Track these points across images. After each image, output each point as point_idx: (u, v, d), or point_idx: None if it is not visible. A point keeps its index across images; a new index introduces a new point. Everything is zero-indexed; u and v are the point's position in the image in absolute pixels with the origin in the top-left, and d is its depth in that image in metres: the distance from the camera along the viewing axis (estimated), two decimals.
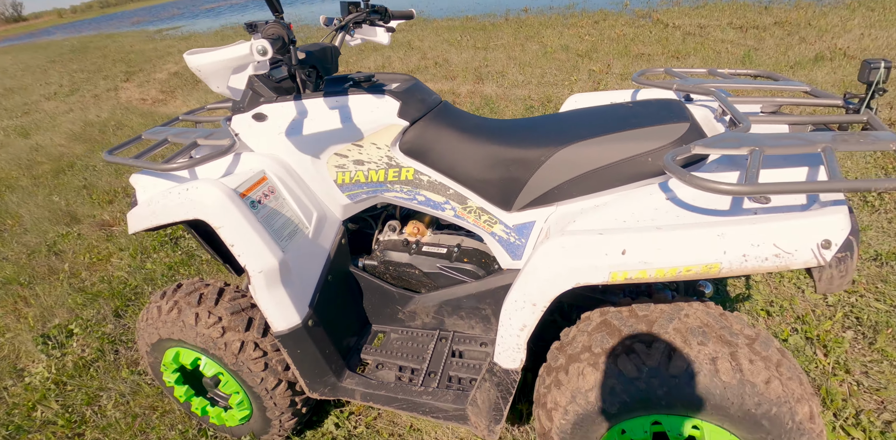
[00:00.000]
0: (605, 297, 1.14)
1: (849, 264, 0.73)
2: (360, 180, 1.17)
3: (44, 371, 1.79)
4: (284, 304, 1.08)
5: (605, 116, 1.04)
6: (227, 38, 12.49)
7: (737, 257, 0.74)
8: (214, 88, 1.12)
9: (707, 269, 0.75)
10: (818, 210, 0.75)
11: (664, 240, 0.76)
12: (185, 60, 1.04)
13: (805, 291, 1.71)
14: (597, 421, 0.89)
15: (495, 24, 8.36)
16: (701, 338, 0.82)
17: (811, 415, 0.80)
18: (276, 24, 1.00)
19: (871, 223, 2.01)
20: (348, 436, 1.40)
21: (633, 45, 5.66)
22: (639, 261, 0.77)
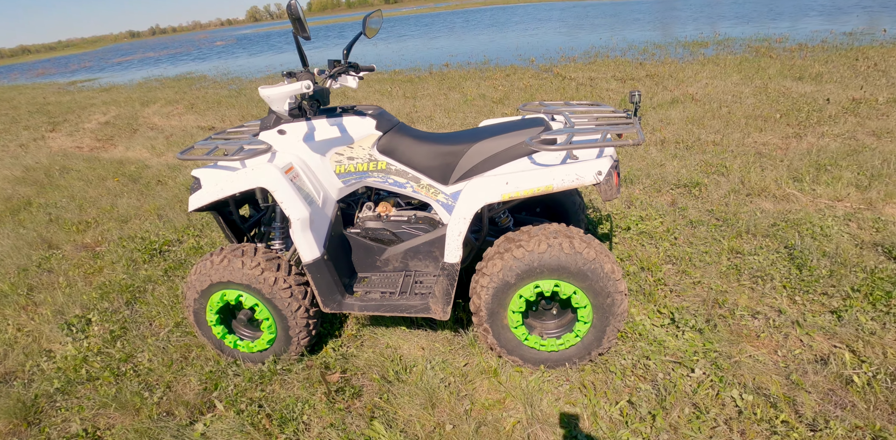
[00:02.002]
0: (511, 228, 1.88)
1: (611, 182, 1.50)
2: (351, 170, 1.83)
3: (72, 349, 2.14)
4: (310, 242, 1.68)
5: (500, 126, 1.80)
6: (152, 89, 12.67)
7: (558, 181, 1.49)
8: (275, 108, 1.73)
9: (548, 188, 1.49)
10: (596, 159, 1.53)
11: (526, 176, 1.50)
12: (261, 92, 1.65)
13: (646, 247, 2.56)
14: (505, 290, 1.58)
15: (421, 77, 9.48)
16: (554, 235, 1.56)
17: (612, 268, 1.54)
18: (307, 72, 1.69)
19: (690, 204, 2.98)
20: (344, 355, 1.95)
21: (538, 93, 6.89)
22: (514, 188, 1.50)
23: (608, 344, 1.66)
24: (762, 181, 3.21)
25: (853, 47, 7.84)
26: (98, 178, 4.90)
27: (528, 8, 34.38)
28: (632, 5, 24.90)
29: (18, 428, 1.79)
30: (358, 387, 1.78)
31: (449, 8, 53.46)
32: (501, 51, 12.52)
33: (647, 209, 2.95)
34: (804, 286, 2.11)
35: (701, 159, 3.71)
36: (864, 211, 2.76)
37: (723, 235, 2.59)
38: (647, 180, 3.40)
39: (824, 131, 4.15)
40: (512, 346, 1.70)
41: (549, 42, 13.26)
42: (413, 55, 13.86)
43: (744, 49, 8.89)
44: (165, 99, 10.50)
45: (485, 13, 34.15)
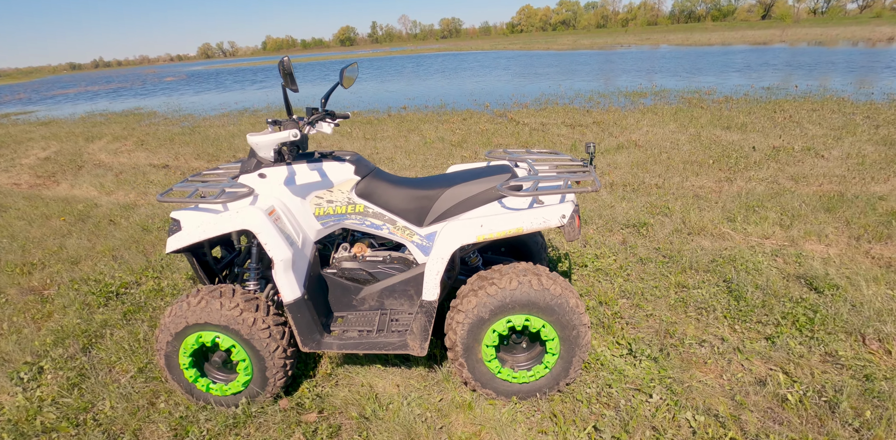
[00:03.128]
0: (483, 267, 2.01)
1: (573, 224, 1.69)
2: (329, 213, 1.93)
3: (22, 399, 2.01)
4: (292, 283, 1.73)
5: (471, 172, 1.98)
6: (97, 124, 12.26)
7: (528, 224, 1.66)
8: (262, 155, 1.81)
9: (518, 230, 1.65)
10: (560, 204, 1.72)
11: (498, 219, 1.66)
12: (248, 140, 1.75)
13: (602, 283, 2.76)
14: (480, 325, 1.69)
15: (380, 119, 9.77)
16: (524, 273, 1.71)
17: (577, 303, 1.70)
18: (293, 121, 1.81)
19: (640, 243, 3.25)
20: (319, 394, 1.96)
21: (494, 137, 7.29)
22: (488, 230, 1.65)
23: (574, 374, 1.79)
24: (700, 221, 3.56)
25: (771, 100, 8.91)
26: (41, 216, 4.67)
27: (478, 55, 36.58)
28: (572, 56, 27.06)
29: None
30: (336, 425, 1.79)
31: (403, 53, 55.85)
32: (457, 95, 13.19)
33: (601, 247, 3.20)
34: (741, 315, 2.35)
35: (646, 201, 4.06)
36: (788, 247, 3.12)
37: (669, 271, 2.85)
38: (599, 220, 3.68)
39: (751, 176, 4.66)
40: (486, 380, 1.79)
41: (501, 88, 14.13)
42: (371, 97, 14.31)
43: (678, 100, 9.87)
44: (112, 134, 10.19)
45: (438, 59, 35.92)
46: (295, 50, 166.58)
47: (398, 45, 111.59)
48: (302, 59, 63.28)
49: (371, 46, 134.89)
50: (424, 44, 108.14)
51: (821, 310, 2.33)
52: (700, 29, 64.59)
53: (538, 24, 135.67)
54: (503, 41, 72.47)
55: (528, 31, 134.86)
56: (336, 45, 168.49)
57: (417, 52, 53.10)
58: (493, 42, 72.66)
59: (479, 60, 30.43)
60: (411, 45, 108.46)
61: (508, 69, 21.82)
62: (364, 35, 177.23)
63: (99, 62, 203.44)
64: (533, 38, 73.08)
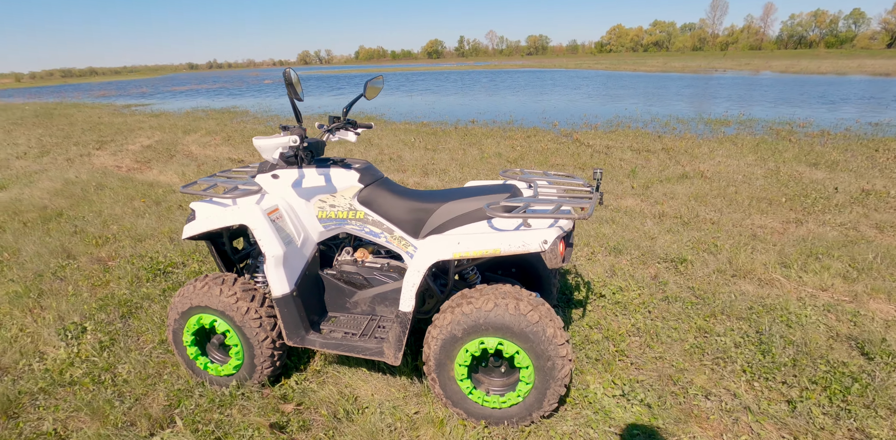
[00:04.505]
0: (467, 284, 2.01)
1: (556, 251, 1.63)
2: (332, 216, 2.02)
3: (63, 354, 2.30)
4: (282, 278, 1.83)
5: (473, 189, 1.99)
6: (197, 119, 13.60)
7: (506, 246, 1.63)
8: (266, 157, 1.97)
9: (496, 251, 1.63)
10: (544, 228, 1.66)
11: (477, 238, 1.65)
12: (254, 142, 1.91)
13: (617, 317, 2.63)
14: (452, 342, 1.69)
15: (445, 131, 9.98)
16: (503, 296, 1.68)
17: (555, 333, 1.64)
18: (299, 128, 1.92)
19: (674, 280, 3.05)
20: (304, 389, 2.04)
21: (552, 156, 7.18)
22: (464, 248, 1.64)
23: (549, 407, 1.72)
24: (750, 263, 3.27)
25: (876, 138, 7.98)
26: (127, 197, 5.28)
27: (560, 73, 36.14)
28: (659, 79, 25.93)
29: None
30: (308, 420, 1.86)
31: (486, 67, 56.58)
32: (528, 112, 13.15)
33: (628, 280, 3.04)
34: (764, 372, 2.13)
35: (694, 236, 3.80)
36: (847, 303, 2.78)
37: (697, 313, 2.64)
38: (635, 252, 3.50)
39: (826, 219, 4.21)
40: (457, 399, 1.77)
41: (575, 108, 13.88)
42: (444, 109, 14.65)
43: (765, 130, 9.15)
44: (206, 129, 11.25)
45: (518, 75, 36.00)
46: (385, 60, 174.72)
47: (483, 60, 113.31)
48: (390, 69, 66.20)
49: (456, 60, 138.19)
50: (508, 60, 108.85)
51: (863, 379, 2.05)
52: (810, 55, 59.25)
53: (628, 45, 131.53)
54: (588, 60, 71.15)
55: (618, 51, 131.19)
56: (423, 57, 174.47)
57: (500, 68, 53.60)
58: (578, 61, 71.57)
59: (558, 78, 30.12)
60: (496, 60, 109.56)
61: (587, 89, 21.39)
62: (451, 48, 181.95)
63: (213, 63, 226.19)
64: (620, 59, 71.04)
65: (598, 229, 3.96)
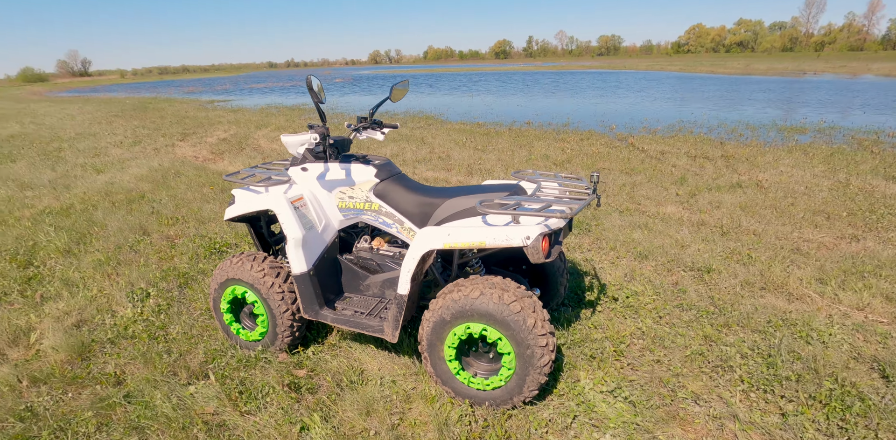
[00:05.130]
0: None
1: (538, 247, 1.73)
2: (350, 207, 2.25)
3: (129, 313, 2.72)
4: (300, 258, 2.08)
5: (479, 187, 2.14)
6: (270, 115, 14.58)
7: (490, 239, 1.76)
8: (291, 152, 2.23)
9: (481, 244, 1.77)
10: (529, 225, 1.77)
11: (465, 231, 1.78)
12: (282, 138, 2.17)
13: (624, 319, 2.67)
14: (442, 326, 1.85)
15: (498, 132, 10.07)
16: (491, 286, 1.82)
17: (536, 323, 1.76)
18: (322, 126, 2.16)
19: (695, 288, 3.02)
20: (319, 358, 2.29)
21: (601, 160, 7.10)
22: (453, 239, 1.79)
23: (528, 393, 1.84)
24: (784, 277, 3.15)
25: None
26: (199, 184, 5.89)
27: (629, 75, 34.80)
28: (737, 82, 24.31)
29: (74, 359, 2.34)
30: (316, 385, 2.11)
31: (553, 68, 55.57)
32: (587, 115, 12.91)
33: (645, 285, 3.04)
34: (764, 384, 2.11)
35: (730, 246, 3.69)
36: (882, 324, 2.63)
37: (710, 322, 2.62)
38: (661, 258, 3.48)
39: (890, 237, 3.92)
40: (446, 378, 1.94)
41: (640, 111, 13.44)
42: (502, 110, 14.70)
43: (845, 140, 8.45)
44: (276, 125, 12.07)
45: (584, 76, 35.10)
46: (452, 60, 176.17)
47: (551, 60, 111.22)
48: (456, 69, 66.79)
49: (523, 60, 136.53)
50: (578, 60, 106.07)
51: (870, 400, 1.98)
52: None
53: (708, 45, 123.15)
54: (662, 61, 67.75)
55: (696, 51, 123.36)
56: (491, 58, 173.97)
57: (566, 69, 52.47)
58: (651, 61, 68.40)
59: (624, 80, 29.07)
60: (564, 60, 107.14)
61: (654, 91, 20.53)
62: (519, 49, 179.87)
63: (290, 62, 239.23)
64: (697, 60, 66.95)
65: (629, 234, 3.94)
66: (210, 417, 1.92)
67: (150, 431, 1.85)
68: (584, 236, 3.95)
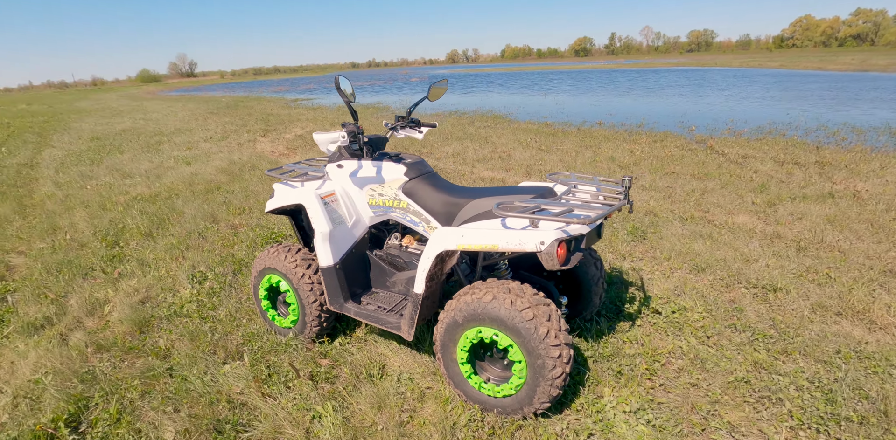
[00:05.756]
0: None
1: (552, 254, 1.64)
2: (380, 204, 2.28)
3: (187, 293, 2.98)
4: (327, 252, 2.15)
5: (506, 188, 2.07)
6: (345, 113, 15.23)
7: (503, 243, 1.69)
8: (322, 149, 2.31)
9: (494, 247, 1.71)
10: (546, 230, 1.68)
11: (479, 233, 1.73)
12: (313, 136, 2.25)
13: (665, 335, 2.48)
14: (454, 327, 1.83)
15: (566, 132, 9.76)
16: (505, 291, 1.76)
17: (549, 333, 1.68)
18: (353, 125, 2.21)
19: (756, 308, 2.74)
20: (345, 350, 2.37)
21: (672, 164, 6.64)
22: (467, 241, 1.74)
23: (540, 405, 1.77)
24: (867, 302, 2.76)
25: None
26: (270, 178, 6.30)
27: (720, 72, 32.15)
28: (849, 80, 21.54)
29: (134, 332, 2.61)
30: (335, 375, 2.18)
31: (636, 66, 52.77)
32: (666, 115, 12.14)
33: (696, 300, 2.80)
34: (817, 423, 1.86)
35: (806, 264, 3.30)
36: None
37: (765, 347, 2.36)
38: (721, 273, 3.18)
39: None
40: (458, 381, 1.92)
41: (726, 111, 12.41)
42: (574, 109, 14.24)
43: None
44: None
45: (670, 74, 32.97)
46: (530, 58, 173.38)
47: (634, 58, 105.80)
48: (532, 68, 65.74)
49: (605, 58, 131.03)
50: (663, 57, 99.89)
51: None
52: None
53: (818, 39, 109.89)
54: (759, 57, 61.80)
55: (803, 46, 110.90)
56: (570, 56, 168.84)
57: (650, 66, 49.61)
58: (746, 58, 62.65)
59: (712, 78, 26.91)
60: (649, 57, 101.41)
61: (741, 89, 18.82)
62: (601, 46, 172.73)
63: (371, 62, 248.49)
64: (803, 55, 60.28)
65: (688, 244, 3.65)
66: (236, 396, 2.05)
67: (182, 404, 2.02)
68: (637, 244, 3.72)
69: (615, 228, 4.05)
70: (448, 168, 6.86)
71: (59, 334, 2.62)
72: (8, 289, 3.22)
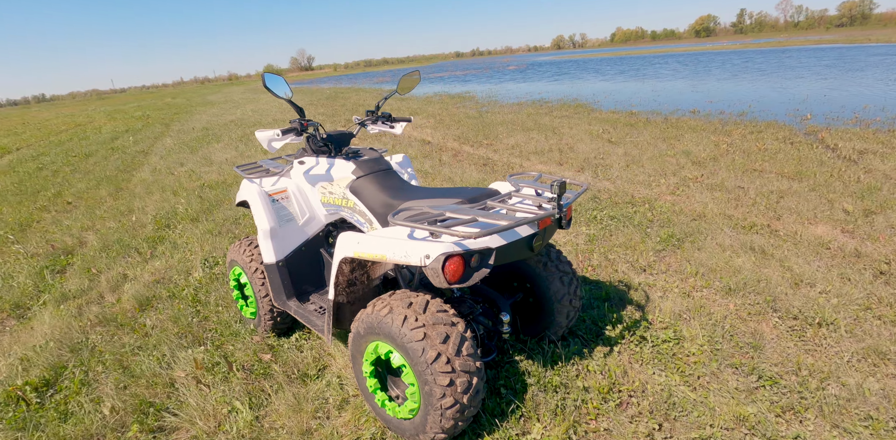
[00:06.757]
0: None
1: (437, 270, 1.43)
2: (331, 202, 2.21)
3: (198, 277, 3.23)
4: (269, 249, 2.15)
5: (445, 190, 1.88)
6: (429, 103, 15.38)
7: (391, 254, 1.51)
8: (265, 147, 2.27)
9: (382, 257, 1.54)
10: (435, 242, 1.47)
11: (373, 242, 1.57)
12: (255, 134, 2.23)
13: (643, 368, 2.11)
14: (359, 339, 1.72)
15: (649, 122, 8.87)
16: (404, 305, 1.59)
17: (438, 357, 1.50)
18: (296, 121, 2.12)
19: (782, 345, 2.23)
20: (291, 347, 2.37)
21: (759, 160, 5.71)
22: (360, 248, 1.59)
23: (434, 435, 1.59)
24: None
25: None
26: None
27: (879, 49, 26.75)
28: None
29: (135, 309, 2.89)
30: (268, 371, 2.19)
31: (766, 45, 46.05)
32: (777, 102, 10.47)
33: (700, 329, 2.35)
34: None
35: (878, 295, 2.60)
36: None
37: (771, 399, 1.90)
38: (755, 296, 2.64)
39: None
40: (366, 394, 1.81)
41: (860, 96, 10.34)
42: (670, 96, 12.89)
43: None
44: (428, 112, 12.67)
45: (805, 53, 28.26)
46: (643, 41, 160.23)
47: (767, 36, 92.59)
48: (641, 51, 60.83)
49: (731, 37, 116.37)
50: (804, 34, 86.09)
51: None
52: None
53: None
54: None
55: None
56: (689, 37, 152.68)
57: (783, 45, 42.99)
58: None
59: (852, 55, 22.51)
60: (785, 35, 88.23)
61: (885, 69, 15.47)
62: (727, 24, 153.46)
63: (475, 51, 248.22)
64: None
65: (729, 258, 3.09)
66: (180, 379, 2.17)
67: (131, 382, 2.18)
68: (667, 254, 3.24)
69: (647, 234, 3.57)
70: (501, 160, 6.61)
71: (79, 306, 3.00)
72: (69, 262, 3.76)
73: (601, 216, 4.02)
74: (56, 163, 8.95)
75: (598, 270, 3.06)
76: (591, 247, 3.43)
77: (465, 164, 6.48)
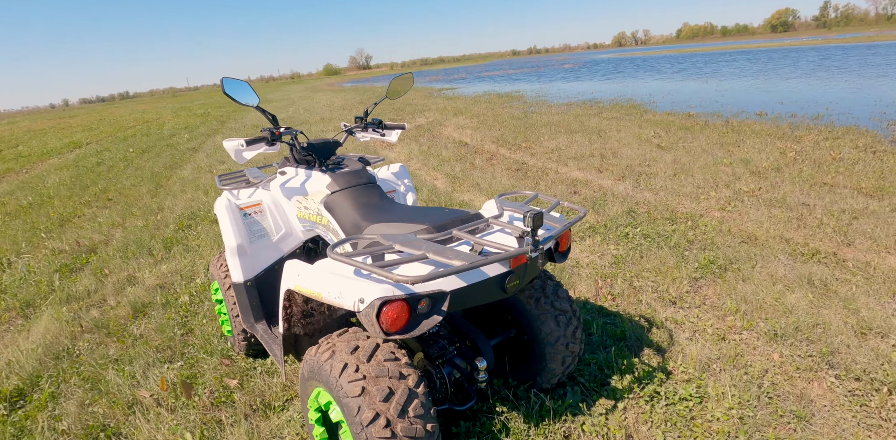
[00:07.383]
0: None
1: (371, 318, 1.19)
2: (306, 218, 2.01)
3: (201, 283, 3.17)
4: (236, 268, 1.97)
5: (424, 211, 1.64)
6: (477, 103, 15.07)
7: (326, 293, 1.28)
8: (234, 158, 2.07)
9: (318, 296, 1.30)
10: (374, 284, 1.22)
11: (313, 276, 1.34)
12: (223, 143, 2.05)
13: (653, 430, 1.76)
14: (304, 381, 1.49)
15: (707, 125, 8.17)
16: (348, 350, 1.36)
17: (375, 418, 1.25)
18: (266, 130, 1.92)
19: (824, 407, 1.80)
20: (263, 372, 2.21)
21: (832, 172, 5.02)
22: (299, 281, 1.36)
23: None
24: None
25: None
26: None
27: None
28: None
29: (129, 315, 2.85)
30: (234, 399, 2.03)
31: (851, 40, 41.76)
32: (861, 104, 9.32)
33: (733, 388, 1.95)
34: None
35: None
36: None
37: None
38: (808, 346, 2.18)
39: None
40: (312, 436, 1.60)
41: None
42: (736, 97, 11.87)
43: None
44: (473, 112, 12.37)
45: (890, 49, 25.31)
46: (712, 37, 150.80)
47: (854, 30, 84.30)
48: (709, 48, 57.27)
49: (811, 32, 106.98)
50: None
51: None
52: None
53: None
54: None
55: None
56: (765, 32, 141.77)
57: (873, 40, 38.83)
58: None
59: None
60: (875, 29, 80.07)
61: None
62: (808, 18, 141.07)
63: (532, 49, 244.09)
64: None
65: (781, 294, 2.63)
66: (145, 400, 2.06)
67: (97, 398, 2.10)
68: (704, 284, 2.81)
69: (684, 257, 3.14)
70: (536, 165, 6.24)
71: (79, 309, 3.01)
72: (88, 261, 3.85)
73: (634, 233, 3.61)
74: (114, 158, 9.50)
75: (619, 300, 2.69)
76: (615, 270, 3.05)
77: (498, 169, 6.16)
